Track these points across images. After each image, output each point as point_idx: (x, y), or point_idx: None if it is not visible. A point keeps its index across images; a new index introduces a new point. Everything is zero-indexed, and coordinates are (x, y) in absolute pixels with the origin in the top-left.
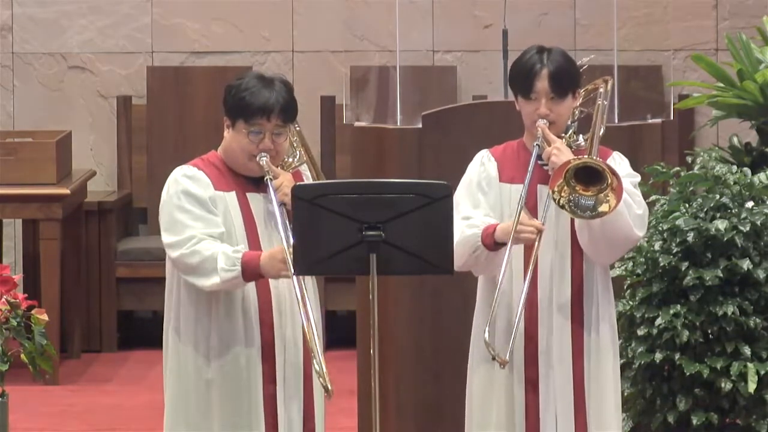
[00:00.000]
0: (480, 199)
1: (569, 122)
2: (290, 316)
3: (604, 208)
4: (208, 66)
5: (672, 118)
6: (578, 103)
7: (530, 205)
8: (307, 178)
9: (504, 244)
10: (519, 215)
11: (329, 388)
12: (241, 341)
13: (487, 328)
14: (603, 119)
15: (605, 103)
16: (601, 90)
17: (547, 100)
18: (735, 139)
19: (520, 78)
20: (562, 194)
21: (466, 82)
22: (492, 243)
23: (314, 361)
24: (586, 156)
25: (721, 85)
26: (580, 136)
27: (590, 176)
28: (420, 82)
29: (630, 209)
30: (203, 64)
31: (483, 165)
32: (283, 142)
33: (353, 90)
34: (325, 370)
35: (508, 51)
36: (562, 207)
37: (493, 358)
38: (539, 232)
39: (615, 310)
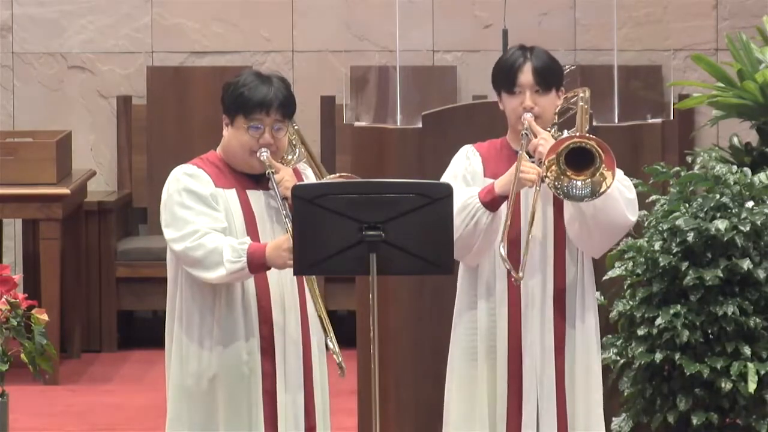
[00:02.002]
0: (464, 192)
1: (550, 125)
2: (290, 313)
3: (602, 187)
4: (208, 66)
5: (672, 118)
6: (560, 104)
7: (516, 197)
8: (306, 177)
9: (505, 198)
10: (520, 161)
11: (344, 366)
12: (241, 337)
13: (503, 243)
14: (586, 119)
15: (587, 106)
16: (581, 95)
17: (531, 93)
18: (735, 139)
19: (503, 73)
20: (549, 173)
21: (466, 82)
22: (491, 199)
23: (328, 338)
24: (577, 133)
25: (721, 85)
26: (565, 130)
27: (581, 159)
28: (420, 82)
29: (622, 194)
30: (203, 64)
31: (468, 159)
32: (282, 137)
33: (353, 90)
34: (338, 348)
35: None
36: (546, 183)
37: (509, 272)
38: (539, 177)
39: (598, 305)
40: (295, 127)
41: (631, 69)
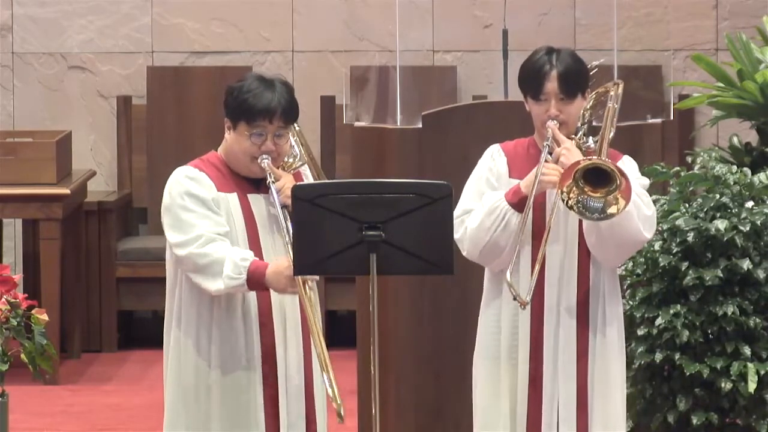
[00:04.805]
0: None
1: (579, 125)
2: (291, 318)
3: (612, 210)
4: (208, 66)
5: (672, 118)
6: (588, 105)
7: (538, 204)
8: (307, 178)
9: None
10: (542, 162)
11: (342, 414)
12: (241, 343)
13: (509, 269)
14: (613, 122)
15: (616, 106)
16: (612, 94)
17: (556, 101)
18: (735, 139)
19: (530, 79)
20: (571, 195)
21: (466, 82)
22: (519, 200)
23: (325, 378)
24: (595, 157)
25: (721, 85)
26: (590, 138)
27: (599, 178)
28: (420, 82)
29: (639, 210)
30: (203, 64)
31: (493, 160)
32: (284, 143)
33: (353, 90)
34: (338, 394)
35: (508, 51)
36: (570, 208)
37: (514, 298)
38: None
39: (623, 311)
40: (297, 129)
41: (631, 69)
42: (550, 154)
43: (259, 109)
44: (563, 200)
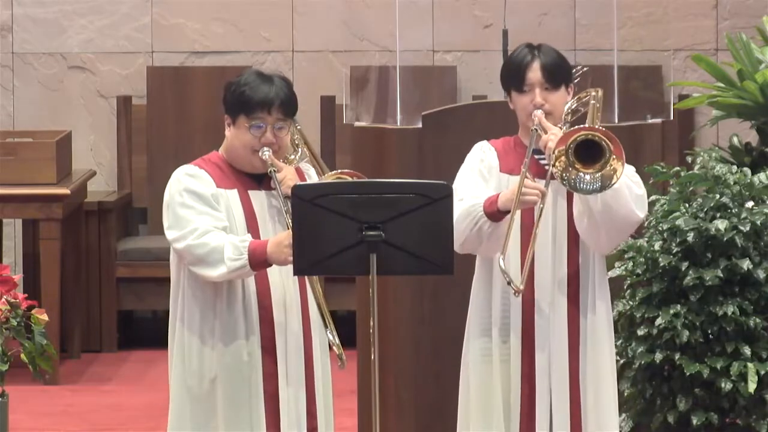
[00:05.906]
0: (481, 185)
1: (562, 123)
2: (292, 313)
3: (614, 179)
4: (208, 66)
5: (672, 118)
6: (571, 106)
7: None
8: (309, 177)
9: (507, 212)
10: (523, 179)
11: (344, 358)
12: (242, 338)
13: (502, 256)
14: (598, 117)
15: (599, 105)
16: (593, 94)
17: (541, 89)
18: (735, 139)
19: (512, 72)
20: (557, 164)
21: (466, 82)
22: (494, 211)
23: (327, 330)
24: (586, 125)
25: (721, 85)
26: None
27: (590, 153)
28: (420, 82)
29: (630, 189)
30: (203, 64)
31: (484, 153)
32: (284, 136)
33: (353, 90)
34: (338, 340)
35: (508, 51)
36: (557, 177)
37: (509, 284)
38: (543, 195)
39: (610, 300)
40: (298, 127)
41: (631, 69)
42: (538, 151)
43: (257, 101)
44: (555, 170)
